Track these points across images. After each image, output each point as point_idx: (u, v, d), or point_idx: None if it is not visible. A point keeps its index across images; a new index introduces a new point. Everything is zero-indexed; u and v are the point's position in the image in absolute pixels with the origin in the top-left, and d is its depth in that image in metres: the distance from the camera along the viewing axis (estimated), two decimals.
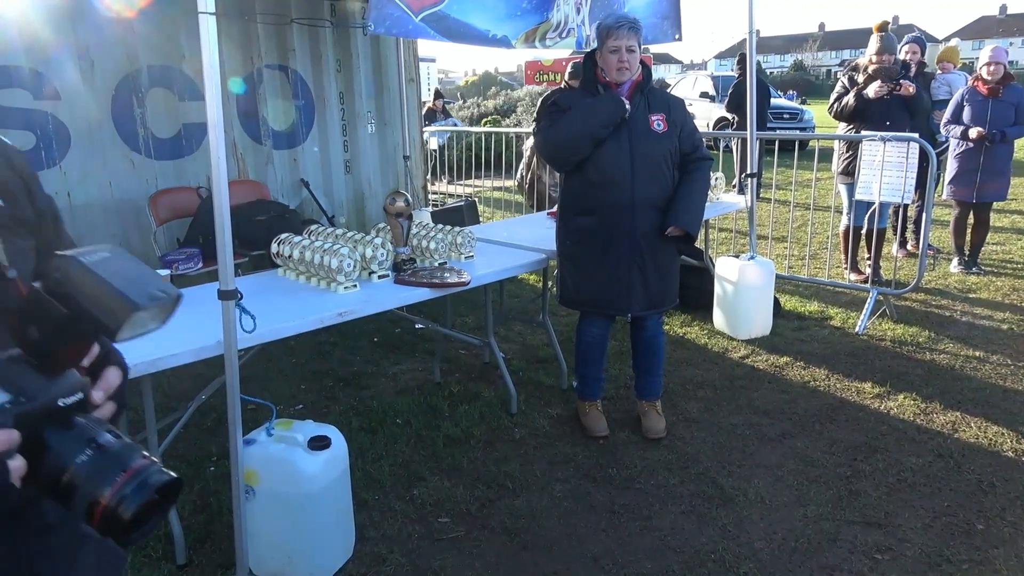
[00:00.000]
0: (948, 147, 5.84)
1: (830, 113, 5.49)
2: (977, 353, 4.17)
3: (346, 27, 5.95)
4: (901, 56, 5.48)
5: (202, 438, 3.30)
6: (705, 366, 4.08)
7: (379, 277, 3.06)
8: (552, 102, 3.24)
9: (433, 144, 9.09)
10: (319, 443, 2.31)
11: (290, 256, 3.08)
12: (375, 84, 6.33)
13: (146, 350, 2.26)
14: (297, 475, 2.26)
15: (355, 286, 2.91)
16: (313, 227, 3.44)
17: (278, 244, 3.16)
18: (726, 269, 4.49)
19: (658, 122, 3.04)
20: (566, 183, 3.21)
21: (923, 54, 5.83)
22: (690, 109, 5.95)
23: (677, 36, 4.27)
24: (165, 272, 2.85)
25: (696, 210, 3.11)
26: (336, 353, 4.39)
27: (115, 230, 4.79)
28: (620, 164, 3.00)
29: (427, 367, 4.12)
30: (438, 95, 12.82)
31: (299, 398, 3.80)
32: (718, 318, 4.60)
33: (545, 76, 17.03)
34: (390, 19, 2.92)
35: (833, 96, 5.40)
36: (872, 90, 5.01)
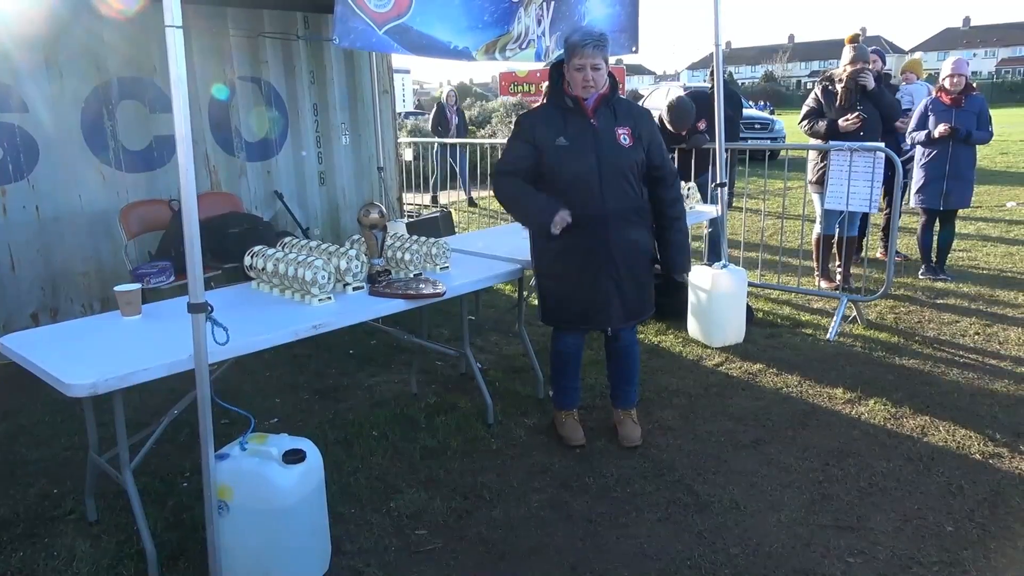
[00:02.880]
0: (913, 156, 5.96)
1: (801, 128, 5.58)
2: (945, 358, 4.25)
3: (319, 40, 5.95)
4: None
5: (175, 453, 3.26)
6: (680, 374, 4.12)
7: (353, 289, 3.05)
8: (517, 121, 3.26)
9: (408, 155, 9.08)
10: (293, 457, 2.29)
11: (263, 268, 3.07)
12: (349, 95, 6.33)
13: (117, 365, 2.24)
14: (271, 489, 2.24)
15: (329, 298, 2.89)
16: (287, 239, 3.42)
17: (251, 257, 3.14)
18: (699, 278, 4.54)
19: (624, 135, 3.06)
20: None
21: (884, 64, 5.96)
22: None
23: (634, 48, 4.35)
24: (136, 286, 2.80)
25: (687, 249, 3.34)
26: (312, 366, 4.36)
27: (85, 244, 4.74)
28: (588, 179, 3.02)
29: (403, 379, 4.11)
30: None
31: (274, 412, 3.76)
32: (692, 326, 4.64)
33: (520, 87, 17.13)
34: (354, 32, 2.93)
35: (804, 110, 5.49)
36: (845, 123, 5.11)
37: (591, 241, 3.05)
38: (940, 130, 5.52)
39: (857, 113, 5.07)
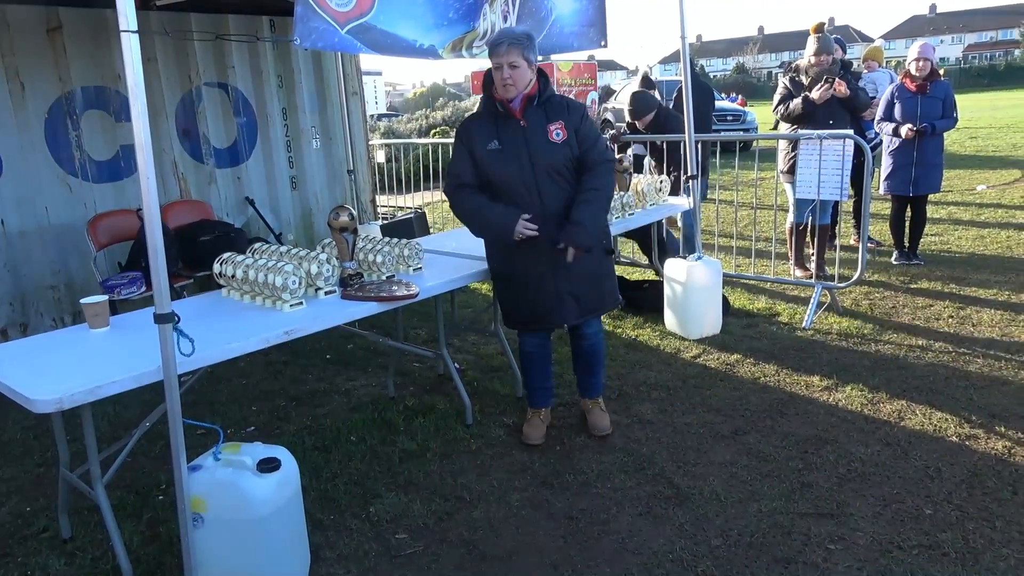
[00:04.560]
0: (880, 143, 6.02)
1: (775, 115, 5.61)
2: (919, 342, 4.29)
3: (286, 42, 5.89)
4: None
5: (150, 466, 3.21)
6: (658, 367, 4.12)
7: (326, 293, 3.02)
8: (456, 129, 3.24)
9: (380, 157, 9.03)
10: (268, 465, 2.26)
11: (233, 276, 3.02)
12: (318, 99, 6.28)
13: (84, 378, 2.20)
14: (246, 500, 2.21)
15: (301, 303, 2.86)
16: (256, 245, 3.37)
17: (220, 264, 3.10)
18: (675, 271, 4.55)
19: (556, 131, 3.03)
20: None
21: (844, 53, 6.00)
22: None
23: (603, 43, 4.35)
24: (103, 298, 2.75)
25: (588, 221, 3.01)
26: (288, 372, 4.32)
27: (53, 257, 4.66)
28: (524, 180, 3.01)
29: (381, 382, 4.07)
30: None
31: (250, 420, 3.72)
32: (669, 319, 4.65)
33: None
34: (315, 32, 2.89)
35: (777, 98, 5.52)
36: (817, 94, 5.13)
37: (535, 242, 3.04)
38: (904, 132, 5.58)
39: (825, 79, 5.08)
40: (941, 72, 5.88)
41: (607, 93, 15.22)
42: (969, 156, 12.03)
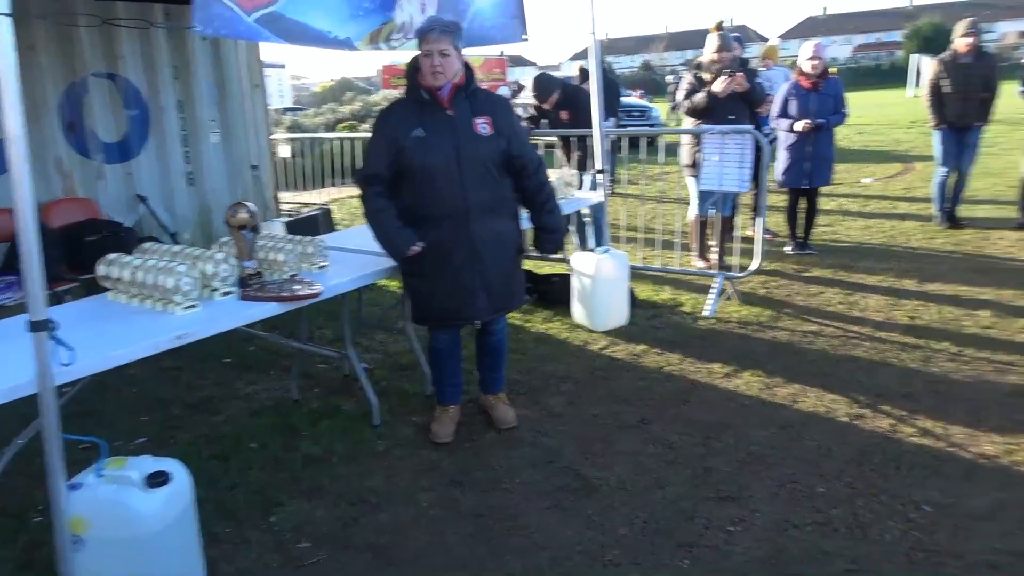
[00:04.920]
0: (775, 139, 6.27)
1: (679, 110, 5.75)
2: (812, 328, 4.50)
3: (181, 30, 5.61)
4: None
5: (28, 486, 2.97)
6: (567, 360, 4.16)
7: (223, 294, 2.88)
8: (376, 117, 3.20)
9: (284, 152, 8.76)
10: (157, 479, 2.14)
11: (119, 278, 2.85)
12: (218, 91, 6.01)
13: None
14: (132, 517, 2.08)
15: (195, 306, 2.72)
16: (147, 245, 3.19)
17: (106, 265, 2.91)
18: (582, 264, 4.60)
19: (483, 125, 3.02)
20: (396, 197, 3.11)
21: (743, 50, 6.21)
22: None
23: (524, 36, 4.34)
24: None
25: (560, 225, 3.38)
26: (183, 378, 4.11)
27: None
28: (448, 172, 2.98)
29: (284, 385, 3.94)
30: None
31: (141, 431, 3.52)
32: (577, 312, 4.70)
33: (402, 80, 16.86)
34: (218, 19, 2.76)
35: (682, 94, 5.65)
36: (720, 87, 5.28)
37: (454, 235, 3.01)
38: (800, 127, 5.83)
39: (725, 75, 5.24)
40: (833, 71, 6.17)
41: (518, 88, 15.27)
42: (857, 151, 12.72)
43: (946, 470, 2.90)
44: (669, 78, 27.41)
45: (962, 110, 6.41)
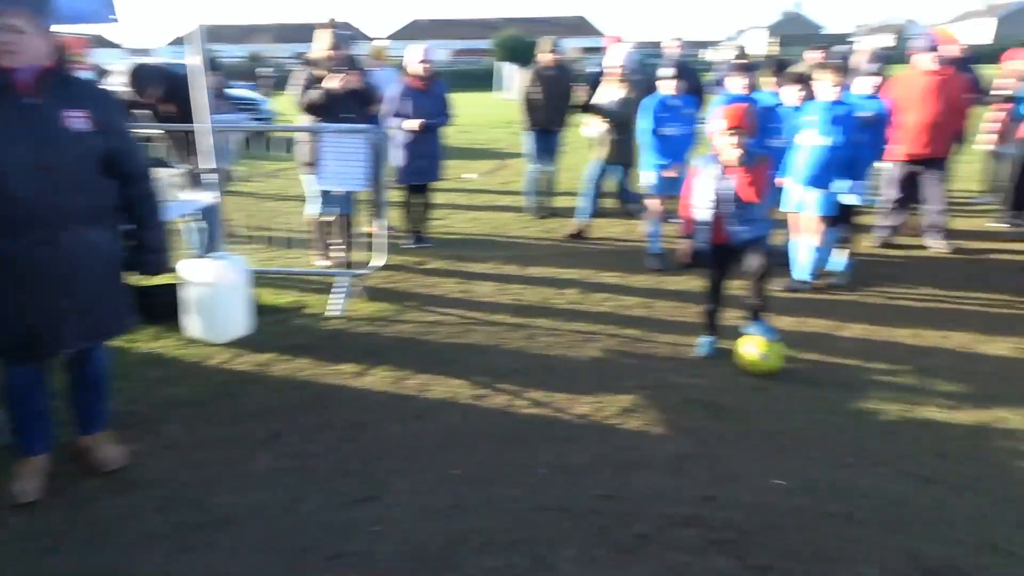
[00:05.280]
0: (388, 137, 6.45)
1: (301, 103, 5.55)
2: (434, 318, 4.73)
3: None
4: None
5: None
6: (184, 381, 3.75)
7: None
8: None
9: None
10: None
11: None
12: None
13: None
14: None
15: None
16: None
17: None
18: (192, 272, 4.18)
19: (77, 120, 2.56)
20: None
21: (351, 48, 6.28)
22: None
23: (112, 16, 3.95)
24: None
25: (165, 243, 2.98)
26: None
27: None
28: (25, 175, 2.46)
29: None
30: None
31: None
32: (192, 325, 4.27)
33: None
34: None
35: (300, 88, 5.45)
36: (338, 84, 5.20)
37: (33, 247, 2.50)
38: (411, 126, 6.08)
39: (342, 78, 5.22)
40: (438, 73, 6.54)
41: (100, 73, 13.38)
42: (463, 148, 13.79)
43: (554, 433, 3.28)
44: (267, 71, 26.79)
45: (548, 115, 7.32)
